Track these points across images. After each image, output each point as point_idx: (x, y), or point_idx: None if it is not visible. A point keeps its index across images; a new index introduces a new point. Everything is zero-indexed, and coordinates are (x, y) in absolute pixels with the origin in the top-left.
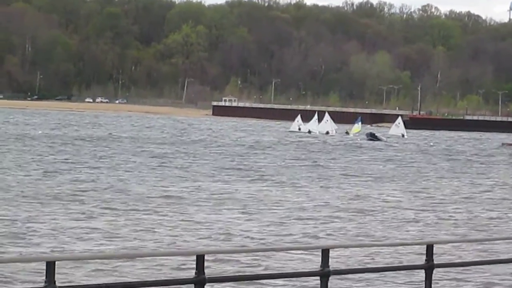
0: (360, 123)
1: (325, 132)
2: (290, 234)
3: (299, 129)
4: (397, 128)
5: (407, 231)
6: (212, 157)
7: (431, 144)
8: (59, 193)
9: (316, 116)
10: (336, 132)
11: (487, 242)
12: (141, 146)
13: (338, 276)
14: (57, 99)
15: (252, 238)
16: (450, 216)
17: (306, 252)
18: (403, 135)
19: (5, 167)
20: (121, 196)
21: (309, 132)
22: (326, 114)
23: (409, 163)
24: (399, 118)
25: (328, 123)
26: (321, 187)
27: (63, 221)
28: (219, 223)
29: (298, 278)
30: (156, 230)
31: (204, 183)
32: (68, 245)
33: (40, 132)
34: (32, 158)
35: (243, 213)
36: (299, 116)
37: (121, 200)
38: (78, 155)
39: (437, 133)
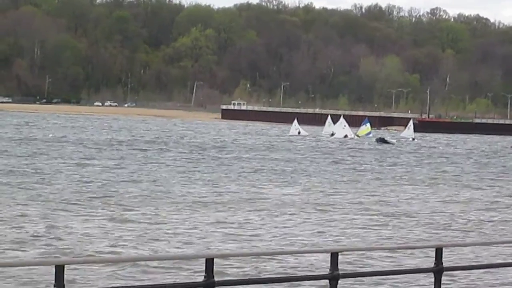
0: (368, 124)
1: (343, 136)
2: (301, 236)
3: (299, 133)
4: (408, 130)
5: (417, 233)
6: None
7: (440, 147)
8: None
9: (342, 119)
10: (354, 136)
11: (495, 245)
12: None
13: (347, 279)
14: (70, 103)
15: (262, 241)
16: (461, 218)
17: (315, 255)
18: (413, 139)
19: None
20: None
21: (332, 134)
22: (342, 118)
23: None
24: (411, 121)
25: (346, 127)
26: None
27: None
28: (232, 225)
29: (308, 282)
30: (170, 232)
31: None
32: (82, 248)
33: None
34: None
35: (256, 215)
36: (295, 120)
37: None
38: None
39: (448, 136)
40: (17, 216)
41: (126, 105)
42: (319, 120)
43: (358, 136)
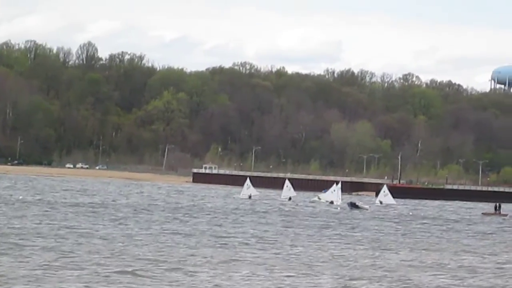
0: (327, 191)
1: (330, 201)
2: None
3: (250, 196)
4: (384, 196)
5: None
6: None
7: (410, 213)
8: None
9: (335, 186)
10: (341, 202)
11: None
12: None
13: None
14: (41, 164)
15: None
16: None
17: None
18: (381, 202)
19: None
20: None
21: (290, 199)
22: (335, 184)
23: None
24: (385, 186)
25: (335, 193)
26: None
27: None
28: None
29: None
30: None
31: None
32: None
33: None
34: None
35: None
36: (248, 180)
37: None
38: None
39: (419, 201)
40: None
41: (97, 167)
42: (296, 184)
43: (319, 199)
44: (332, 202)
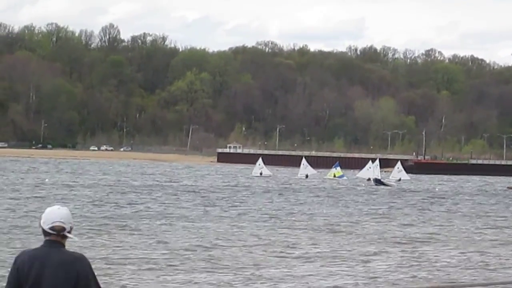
0: (339, 167)
1: (367, 178)
2: None
3: (261, 173)
4: (398, 172)
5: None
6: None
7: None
8: None
9: (370, 163)
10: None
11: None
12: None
13: None
14: (66, 147)
15: None
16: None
17: None
18: (400, 179)
19: None
20: None
21: (306, 176)
22: (370, 162)
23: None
24: (398, 162)
25: (370, 170)
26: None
27: None
28: None
29: None
30: None
31: None
32: None
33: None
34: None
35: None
36: (260, 159)
37: None
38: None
39: (446, 177)
40: None
41: (122, 149)
42: (315, 162)
43: (329, 178)
44: (369, 179)
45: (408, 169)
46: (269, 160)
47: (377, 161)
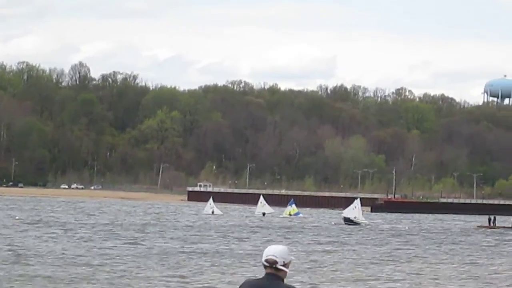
0: (294, 205)
1: (352, 217)
2: None
3: (213, 212)
4: (354, 211)
5: None
6: None
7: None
8: None
9: (356, 203)
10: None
11: None
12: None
13: None
14: (36, 185)
15: None
16: None
17: None
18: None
19: None
20: None
21: (263, 214)
22: (356, 200)
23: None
24: (356, 201)
25: (356, 209)
26: None
27: None
28: None
29: None
30: None
31: None
32: None
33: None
34: None
35: None
36: (211, 199)
37: None
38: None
39: (413, 216)
40: None
41: (92, 187)
42: (285, 201)
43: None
44: (353, 219)
45: (378, 208)
46: (238, 199)
47: (358, 201)
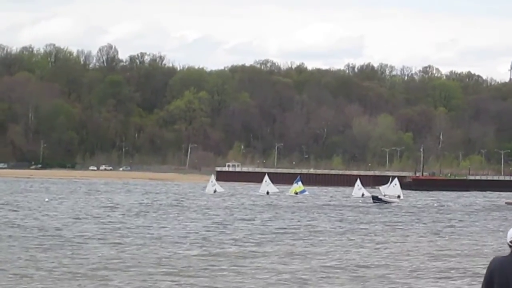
0: (300, 182)
1: (396, 196)
2: None
3: (215, 191)
4: (394, 188)
5: None
6: None
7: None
8: None
9: (396, 181)
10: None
11: None
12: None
13: None
14: (65, 167)
15: None
16: None
17: None
18: (399, 196)
19: None
20: None
21: (267, 193)
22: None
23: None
24: (396, 179)
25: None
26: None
27: None
28: None
29: None
30: None
31: None
32: None
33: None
34: None
35: None
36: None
37: None
38: None
39: (442, 193)
40: None
41: (121, 169)
42: (314, 180)
43: (291, 194)
44: (398, 197)
45: (407, 185)
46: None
47: (396, 179)
